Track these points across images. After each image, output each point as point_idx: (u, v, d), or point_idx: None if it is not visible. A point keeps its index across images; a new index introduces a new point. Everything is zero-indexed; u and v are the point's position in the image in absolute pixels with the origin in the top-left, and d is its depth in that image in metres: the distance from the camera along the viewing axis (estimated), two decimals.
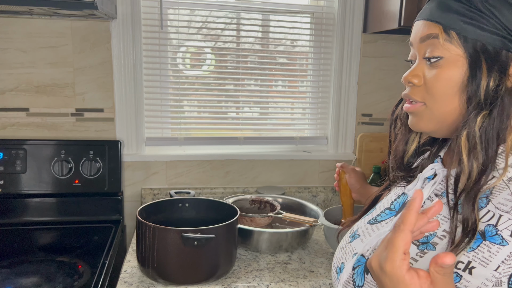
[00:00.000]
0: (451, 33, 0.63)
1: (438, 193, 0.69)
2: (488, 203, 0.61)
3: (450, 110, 0.64)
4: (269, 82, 1.73)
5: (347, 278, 0.71)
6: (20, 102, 1.51)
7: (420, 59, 0.67)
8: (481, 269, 0.56)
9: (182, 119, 1.68)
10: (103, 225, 1.48)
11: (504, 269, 0.55)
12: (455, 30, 0.63)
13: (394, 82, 1.74)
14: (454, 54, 0.63)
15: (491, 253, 0.56)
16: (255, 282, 1.14)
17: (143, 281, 1.13)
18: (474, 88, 0.61)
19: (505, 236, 0.56)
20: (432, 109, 0.66)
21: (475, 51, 0.61)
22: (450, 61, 0.63)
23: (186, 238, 1.06)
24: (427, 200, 0.69)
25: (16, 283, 1.09)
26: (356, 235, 0.77)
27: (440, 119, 0.66)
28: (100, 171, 1.49)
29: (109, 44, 1.52)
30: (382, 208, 0.78)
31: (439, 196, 0.69)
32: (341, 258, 0.76)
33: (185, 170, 1.66)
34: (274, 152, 1.74)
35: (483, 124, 0.61)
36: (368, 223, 0.77)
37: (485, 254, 0.57)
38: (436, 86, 0.64)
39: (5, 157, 1.44)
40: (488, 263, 0.56)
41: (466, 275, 0.57)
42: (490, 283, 0.55)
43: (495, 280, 0.55)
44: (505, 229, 0.57)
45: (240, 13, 1.65)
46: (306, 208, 1.49)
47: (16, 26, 1.46)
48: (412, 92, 0.68)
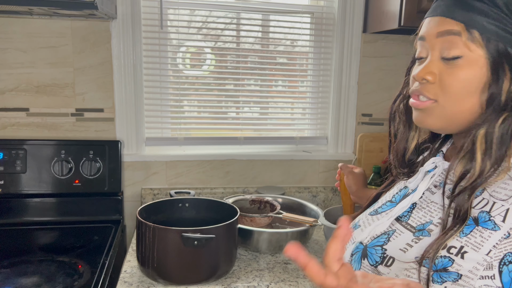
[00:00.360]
0: (474, 33, 0.62)
1: (437, 183, 0.71)
2: (483, 191, 0.62)
3: (463, 109, 0.64)
4: (269, 82, 1.73)
5: None
6: (20, 102, 1.51)
7: (435, 56, 0.66)
8: (473, 254, 0.58)
9: (182, 119, 1.68)
10: (103, 225, 1.48)
11: (495, 253, 0.56)
12: (478, 30, 0.61)
13: (394, 82, 1.74)
14: (476, 55, 0.62)
15: (483, 238, 0.58)
16: (255, 282, 1.14)
17: (143, 281, 1.13)
18: (496, 90, 0.61)
19: (497, 222, 0.58)
20: (445, 107, 0.65)
21: (498, 53, 0.61)
22: (470, 61, 0.62)
23: (186, 238, 1.06)
24: (427, 191, 0.71)
25: (16, 283, 1.09)
26: (357, 225, 0.78)
27: (451, 117, 0.66)
28: (100, 171, 1.49)
29: (109, 44, 1.52)
30: (384, 201, 0.80)
31: (437, 187, 0.70)
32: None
33: (185, 170, 1.66)
34: (274, 152, 1.74)
35: (504, 125, 0.61)
36: (369, 214, 0.79)
37: (477, 239, 0.58)
38: (453, 85, 0.63)
39: (5, 157, 1.44)
40: (480, 247, 0.58)
41: (458, 259, 0.58)
42: (482, 267, 0.57)
43: (486, 264, 0.56)
44: (498, 215, 0.59)
45: (240, 13, 1.65)
46: (306, 208, 1.49)
47: (16, 26, 1.46)
48: (425, 88, 0.66)
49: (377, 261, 0.67)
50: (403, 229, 0.68)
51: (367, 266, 0.69)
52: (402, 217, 0.71)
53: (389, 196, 0.80)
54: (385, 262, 0.66)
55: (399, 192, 0.78)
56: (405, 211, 0.71)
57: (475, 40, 0.62)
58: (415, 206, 0.71)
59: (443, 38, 0.64)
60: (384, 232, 0.70)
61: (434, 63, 0.66)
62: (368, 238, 0.72)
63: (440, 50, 0.65)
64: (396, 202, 0.76)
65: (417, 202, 0.71)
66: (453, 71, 0.63)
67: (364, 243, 0.72)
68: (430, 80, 0.65)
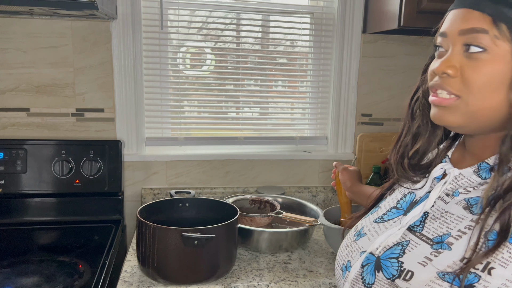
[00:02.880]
0: (502, 26, 0.58)
1: (449, 192, 0.68)
2: None
3: (488, 106, 0.60)
4: (269, 82, 1.73)
5: (355, 276, 0.71)
6: (21, 102, 1.51)
7: (456, 50, 0.62)
8: (501, 270, 0.56)
9: (182, 119, 1.68)
10: (104, 225, 1.48)
11: None
12: (506, 23, 0.58)
13: (394, 82, 1.74)
14: (502, 50, 0.58)
15: (510, 254, 0.56)
16: (255, 282, 1.14)
17: (143, 281, 1.13)
18: None
19: None
20: (468, 103, 0.61)
21: None
22: (495, 56, 0.59)
23: (186, 238, 1.06)
24: (438, 200, 0.68)
25: (16, 283, 1.09)
26: (361, 233, 0.76)
27: (474, 115, 0.62)
28: (100, 171, 1.50)
29: (109, 44, 1.52)
30: (387, 207, 0.77)
31: (450, 196, 0.67)
32: (347, 256, 0.75)
33: (185, 170, 1.66)
34: (274, 152, 1.74)
35: None
36: (374, 221, 0.76)
37: (504, 255, 0.56)
38: (476, 80, 0.60)
39: (6, 157, 1.45)
40: (508, 263, 0.56)
41: (485, 276, 0.56)
42: (510, 283, 0.55)
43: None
44: None
45: (240, 14, 1.65)
46: (306, 208, 1.49)
47: (16, 26, 1.46)
48: (446, 82, 0.62)
49: (394, 274, 0.64)
50: (418, 240, 0.65)
51: (382, 280, 0.66)
52: (414, 227, 0.68)
53: (393, 202, 0.77)
54: (403, 276, 0.63)
55: (404, 198, 0.75)
56: (417, 221, 0.68)
57: (502, 35, 0.58)
58: (427, 215, 0.68)
59: (466, 36, 0.61)
60: (397, 243, 0.67)
61: (456, 57, 0.62)
62: (380, 249, 0.69)
63: (462, 44, 0.61)
64: (403, 209, 0.73)
65: (429, 211, 0.68)
66: (476, 65, 0.60)
67: (376, 254, 0.69)
68: (451, 74, 0.61)
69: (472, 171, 0.66)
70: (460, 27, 0.61)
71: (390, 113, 1.76)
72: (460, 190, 0.66)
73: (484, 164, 0.65)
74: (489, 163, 0.65)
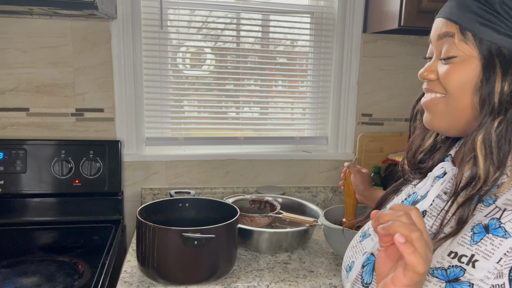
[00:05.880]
0: (467, 34, 0.63)
1: (447, 191, 0.69)
2: (496, 199, 0.61)
3: (462, 106, 0.65)
4: (269, 82, 1.73)
5: (356, 276, 0.72)
6: (20, 102, 1.51)
7: (436, 56, 0.69)
8: (484, 262, 0.57)
9: (182, 119, 1.68)
10: (103, 225, 1.48)
11: (506, 261, 0.56)
12: (471, 31, 0.63)
13: (394, 82, 1.74)
14: (468, 55, 0.63)
15: (494, 246, 0.57)
16: (255, 282, 1.14)
17: (143, 281, 1.13)
18: (487, 91, 0.61)
19: (508, 229, 0.57)
20: (448, 103, 0.66)
21: (490, 53, 0.61)
22: (463, 61, 0.64)
23: (186, 238, 1.06)
24: (436, 198, 0.70)
25: (16, 283, 1.09)
26: (366, 234, 0.77)
27: (453, 116, 0.66)
28: (100, 171, 1.50)
29: (109, 44, 1.52)
30: None
31: (447, 194, 0.69)
32: (351, 257, 0.77)
33: (185, 170, 1.66)
34: (274, 152, 1.74)
35: (500, 129, 0.60)
36: None
37: (487, 247, 0.58)
38: (450, 83, 0.65)
39: (5, 157, 1.44)
40: (490, 255, 0.57)
41: (470, 269, 0.58)
42: (492, 275, 0.56)
43: (496, 273, 0.56)
44: (508, 221, 0.58)
45: (240, 13, 1.65)
46: (306, 208, 1.49)
47: (16, 26, 1.46)
48: (432, 85, 0.69)
49: None
50: None
51: None
52: None
53: (398, 202, 0.78)
54: None
55: (408, 198, 0.77)
56: None
57: (468, 42, 0.63)
58: (425, 214, 0.69)
59: (442, 41, 0.67)
60: None
61: (435, 63, 0.68)
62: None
63: (439, 51, 0.67)
64: None
65: (427, 209, 0.70)
66: (448, 70, 0.65)
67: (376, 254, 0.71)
68: (432, 78, 0.68)
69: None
70: (437, 33, 0.68)
71: (390, 113, 1.76)
72: (458, 190, 0.67)
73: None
74: None
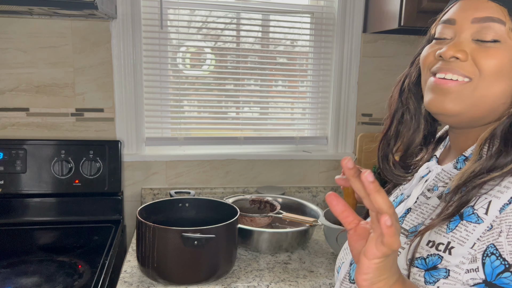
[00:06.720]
0: None
1: (430, 187, 0.69)
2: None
3: (493, 93, 0.60)
4: (269, 82, 1.73)
5: (344, 274, 0.73)
6: (20, 102, 1.51)
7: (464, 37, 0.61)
8: (459, 248, 0.57)
9: (182, 119, 1.68)
10: (103, 225, 1.48)
11: (479, 246, 0.56)
12: None
13: (394, 82, 1.73)
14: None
15: (468, 232, 0.58)
16: (255, 282, 1.14)
17: (143, 281, 1.13)
18: None
19: (480, 214, 0.58)
20: (476, 87, 0.60)
21: None
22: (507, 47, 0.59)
23: (186, 238, 1.06)
24: (421, 196, 0.70)
25: (16, 283, 1.09)
26: None
27: (474, 102, 0.61)
28: (100, 171, 1.49)
29: (109, 44, 1.52)
30: None
31: (430, 191, 0.69)
32: (342, 258, 0.78)
33: (185, 170, 1.66)
34: (274, 152, 1.74)
35: None
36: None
37: (462, 233, 0.58)
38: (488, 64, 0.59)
39: (5, 157, 1.44)
40: (465, 241, 0.57)
41: (447, 256, 0.58)
42: (467, 260, 0.56)
43: (471, 258, 0.56)
44: (481, 207, 0.58)
45: (240, 13, 1.65)
46: (306, 208, 1.49)
47: (16, 26, 1.46)
48: (458, 65, 0.61)
49: None
50: None
51: None
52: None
53: None
54: None
55: (396, 199, 0.77)
56: (400, 217, 0.70)
57: None
58: (409, 211, 0.70)
59: (480, 24, 0.60)
60: None
61: (464, 43, 0.61)
62: None
63: (473, 33, 0.61)
64: None
65: (412, 207, 0.70)
66: (488, 52, 0.59)
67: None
68: (462, 58, 0.60)
69: (452, 165, 0.68)
70: (474, 15, 0.60)
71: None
72: (439, 185, 0.68)
73: (462, 157, 0.67)
74: (466, 155, 0.66)
